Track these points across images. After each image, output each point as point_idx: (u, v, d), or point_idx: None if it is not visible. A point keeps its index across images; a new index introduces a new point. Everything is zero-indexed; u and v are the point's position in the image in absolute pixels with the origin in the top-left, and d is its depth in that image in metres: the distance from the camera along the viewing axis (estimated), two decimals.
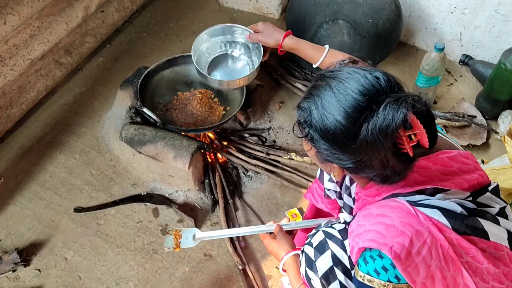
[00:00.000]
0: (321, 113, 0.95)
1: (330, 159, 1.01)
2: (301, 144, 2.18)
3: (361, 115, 0.91)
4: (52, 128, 2.24)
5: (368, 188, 1.10)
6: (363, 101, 0.91)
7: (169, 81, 2.15)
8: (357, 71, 0.95)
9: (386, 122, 0.88)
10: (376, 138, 0.89)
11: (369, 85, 0.92)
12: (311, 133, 0.99)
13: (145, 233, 1.88)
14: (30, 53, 2.10)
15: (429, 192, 1.03)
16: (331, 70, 1.00)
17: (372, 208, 1.03)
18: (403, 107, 0.88)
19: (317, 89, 0.98)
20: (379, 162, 0.93)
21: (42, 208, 1.96)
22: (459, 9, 2.34)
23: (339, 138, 0.95)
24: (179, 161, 1.87)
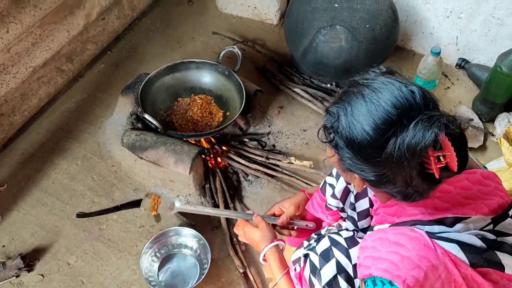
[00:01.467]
0: (350, 121, 0.93)
1: (352, 169, 0.99)
2: (300, 149, 2.23)
3: (390, 129, 0.89)
4: (54, 135, 2.27)
5: (389, 206, 1.10)
6: (394, 114, 0.89)
7: (169, 87, 2.18)
8: (392, 82, 0.93)
9: (416, 139, 0.86)
10: (403, 155, 0.87)
11: (403, 99, 0.90)
12: (336, 140, 0.97)
13: (147, 238, 1.89)
14: (32, 60, 2.13)
15: (449, 222, 1.00)
16: (366, 77, 0.98)
17: (390, 233, 1.01)
18: (435, 126, 0.86)
19: (348, 95, 0.96)
20: (403, 179, 0.91)
21: (45, 214, 1.98)
22: (455, 13, 2.37)
23: (364, 149, 0.93)
24: (180, 166, 1.89)
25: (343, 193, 1.37)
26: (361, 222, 1.36)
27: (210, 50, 2.69)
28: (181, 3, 3.02)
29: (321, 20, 2.18)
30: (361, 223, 1.36)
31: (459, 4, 2.32)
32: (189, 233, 1.85)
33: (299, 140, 2.28)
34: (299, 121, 2.36)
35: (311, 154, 2.22)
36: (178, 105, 2.16)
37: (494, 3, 2.23)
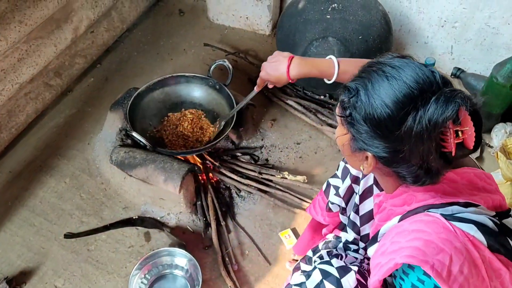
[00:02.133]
0: (370, 95, 0.93)
1: (366, 146, 0.97)
2: (294, 163, 2.18)
3: (411, 103, 0.88)
4: (42, 152, 2.22)
5: (396, 196, 1.07)
6: (416, 88, 0.89)
7: (159, 102, 2.13)
8: (412, 62, 0.93)
9: (438, 111, 0.86)
10: (424, 127, 0.87)
11: (424, 75, 0.90)
12: (353, 115, 0.96)
13: (137, 258, 1.85)
14: (19, 77, 2.09)
15: (462, 204, 1.00)
16: (384, 57, 0.98)
17: (406, 224, 0.99)
18: (458, 98, 0.86)
19: (368, 72, 0.96)
20: (419, 155, 0.91)
21: (32, 235, 1.93)
22: (449, 22, 2.34)
23: (383, 122, 0.92)
24: (170, 184, 1.84)
25: (347, 192, 1.36)
26: (364, 227, 1.34)
27: (201, 62, 2.64)
28: (172, 14, 2.98)
29: (313, 32, 2.14)
30: (363, 227, 1.34)
31: (453, 13, 2.28)
32: (180, 253, 1.80)
33: (293, 154, 2.23)
34: (292, 134, 2.32)
35: (305, 168, 2.17)
36: (168, 120, 2.12)
37: (489, 12, 2.19)
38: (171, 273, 1.82)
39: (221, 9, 2.79)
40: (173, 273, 1.82)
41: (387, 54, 1.00)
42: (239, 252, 1.90)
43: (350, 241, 1.41)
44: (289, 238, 1.92)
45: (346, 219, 1.41)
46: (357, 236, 1.38)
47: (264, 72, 1.53)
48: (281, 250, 1.90)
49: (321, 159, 2.21)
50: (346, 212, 1.40)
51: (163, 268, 1.82)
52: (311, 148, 2.26)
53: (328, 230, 1.57)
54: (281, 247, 1.91)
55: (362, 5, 2.14)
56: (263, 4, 2.65)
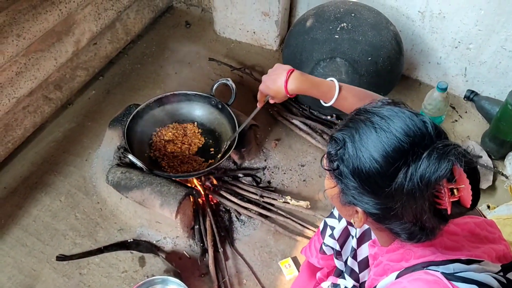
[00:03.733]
0: (357, 148, 0.87)
1: (355, 201, 0.91)
2: (297, 186, 2.10)
3: (401, 157, 0.82)
4: (38, 168, 2.16)
5: (392, 252, 1.00)
6: (406, 142, 0.83)
7: (158, 121, 2.07)
8: (402, 111, 0.87)
9: (430, 169, 0.79)
10: (415, 185, 0.80)
11: (415, 127, 0.84)
12: (340, 168, 0.90)
13: (130, 285, 1.78)
14: (16, 91, 2.03)
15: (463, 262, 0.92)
16: (373, 106, 0.92)
17: (404, 282, 0.92)
18: (452, 155, 0.79)
19: (355, 122, 0.90)
20: (412, 213, 0.84)
21: (23, 256, 1.87)
22: (463, 44, 2.24)
23: (372, 178, 0.86)
24: (166, 209, 1.77)
25: (342, 234, 1.29)
26: (363, 273, 1.26)
27: (206, 76, 2.58)
28: (178, 25, 2.91)
29: (320, 52, 2.06)
30: (362, 274, 1.26)
31: (468, 34, 2.19)
32: (173, 281, 1.72)
33: (296, 177, 2.15)
34: (297, 155, 2.24)
35: (309, 192, 2.09)
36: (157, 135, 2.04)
37: (505, 35, 2.09)
38: None
39: (228, 22, 2.72)
40: None
41: (376, 101, 0.93)
42: (236, 281, 1.82)
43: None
44: (289, 268, 1.84)
45: (342, 264, 1.33)
46: (356, 283, 1.29)
47: (263, 85, 1.46)
48: (281, 281, 1.82)
49: None
50: (341, 256, 1.32)
51: None
52: (315, 171, 2.18)
53: (322, 274, 1.49)
54: (281, 277, 1.83)
55: (373, 25, 2.05)
56: (270, 19, 2.58)
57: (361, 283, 1.28)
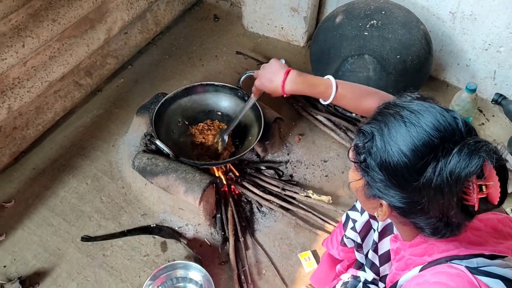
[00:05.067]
0: (386, 141, 0.87)
1: (381, 194, 0.91)
2: (319, 181, 2.11)
3: (431, 152, 0.82)
4: (67, 151, 2.21)
5: (415, 246, 1.00)
6: (436, 137, 0.83)
7: (185, 110, 2.09)
8: (433, 106, 0.87)
9: (461, 165, 0.79)
10: (445, 181, 0.80)
11: (446, 122, 0.84)
12: (367, 161, 0.90)
13: (151, 268, 1.81)
14: (49, 75, 2.09)
15: (488, 256, 0.92)
16: (402, 100, 0.92)
17: (427, 275, 0.92)
18: (483, 151, 0.79)
19: (384, 116, 0.90)
20: (439, 208, 0.84)
21: (49, 235, 1.92)
22: (494, 46, 2.22)
23: (400, 172, 0.86)
24: (190, 196, 1.80)
25: (364, 227, 1.29)
26: (384, 267, 1.26)
27: (232, 69, 2.60)
28: (207, 19, 2.95)
29: (349, 48, 2.06)
30: (383, 268, 1.26)
31: (499, 37, 2.17)
32: (195, 267, 1.75)
33: (319, 172, 2.16)
34: (320, 150, 2.24)
35: (331, 187, 2.10)
36: (193, 129, 2.07)
37: None
38: (184, 287, 1.77)
39: (256, 17, 2.75)
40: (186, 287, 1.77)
41: (405, 95, 0.93)
42: (255, 271, 1.84)
43: (369, 281, 1.32)
44: (308, 261, 1.85)
45: (362, 257, 1.33)
46: (376, 277, 1.30)
47: (259, 81, 1.47)
48: (299, 273, 1.83)
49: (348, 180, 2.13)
50: (362, 249, 1.32)
51: (177, 281, 1.77)
52: (338, 167, 2.18)
53: (342, 267, 1.49)
54: (300, 269, 1.84)
55: (403, 23, 2.05)
56: (299, 15, 2.59)
57: (381, 276, 1.28)
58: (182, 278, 1.77)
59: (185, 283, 1.78)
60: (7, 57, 1.83)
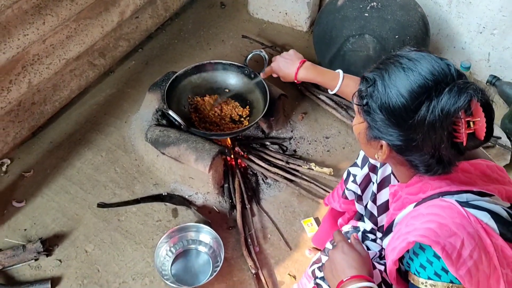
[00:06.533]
0: (386, 85, 0.97)
1: (381, 134, 1.02)
2: (321, 156, 2.23)
3: (425, 93, 0.93)
4: (82, 126, 2.33)
5: (412, 185, 1.10)
6: (431, 79, 0.93)
7: (195, 87, 2.21)
8: (429, 55, 0.98)
9: (451, 101, 0.90)
10: (437, 117, 0.91)
11: (440, 68, 0.94)
12: (369, 104, 1.01)
13: (164, 232, 1.92)
14: (66, 53, 2.20)
15: (475, 193, 1.03)
16: (401, 50, 1.03)
17: (421, 209, 1.03)
18: (471, 89, 0.90)
19: (385, 64, 1.01)
20: (431, 144, 0.95)
21: (67, 202, 2.04)
22: (488, 29, 2.34)
23: (398, 111, 0.96)
24: (200, 163, 1.92)
25: (364, 179, 1.40)
26: (381, 217, 1.37)
27: (238, 53, 2.72)
28: (214, 5, 3.07)
29: (350, 29, 2.18)
30: (381, 218, 1.37)
31: (492, 20, 2.29)
32: (205, 230, 1.87)
33: (321, 147, 2.28)
34: (322, 128, 2.36)
35: (332, 161, 2.21)
36: (202, 103, 2.19)
37: None
38: (195, 249, 1.89)
39: (261, 3, 2.87)
40: (197, 249, 1.89)
41: (404, 47, 1.04)
42: (261, 235, 1.95)
43: (368, 231, 1.44)
44: (311, 226, 1.97)
45: (362, 208, 1.44)
46: (374, 227, 1.41)
47: (276, 64, 1.76)
48: (303, 237, 1.95)
49: (349, 155, 2.25)
50: (362, 200, 1.43)
51: (188, 243, 1.89)
52: (339, 143, 2.30)
53: (343, 221, 1.60)
54: (303, 234, 1.96)
55: (401, 5, 2.17)
56: (303, 0, 2.71)
57: (379, 226, 1.40)
58: (193, 240, 1.89)
59: (196, 244, 1.89)
60: (29, 33, 1.95)
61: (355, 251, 1.12)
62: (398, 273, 1.11)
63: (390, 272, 1.07)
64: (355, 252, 1.11)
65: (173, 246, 1.86)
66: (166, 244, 1.84)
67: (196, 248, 1.89)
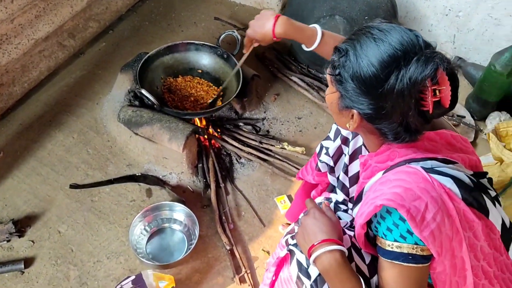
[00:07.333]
0: (358, 55, 1.01)
1: (352, 104, 1.05)
2: (294, 136, 2.26)
3: (394, 63, 0.96)
4: (52, 108, 2.30)
5: (380, 153, 1.14)
6: (400, 50, 0.97)
7: (168, 67, 2.21)
8: (399, 26, 1.01)
9: (418, 70, 0.94)
10: (405, 85, 0.95)
11: (409, 39, 0.98)
12: (341, 73, 1.04)
13: (138, 212, 1.92)
14: (35, 33, 2.16)
15: (441, 160, 1.08)
16: (373, 22, 1.06)
17: (389, 175, 1.08)
18: (437, 58, 0.94)
19: (357, 35, 1.04)
20: (399, 112, 0.99)
21: (38, 183, 2.02)
22: (453, 11, 2.41)
23: (368, 80, 0.99)
24: (174, 143, 1.92)
25: (336, 151, 1.43)
26: (353, 188, 1.41)
27: (210, 35, 2.72)
28: None
29: (320, 10, 2.21)
30: (352, 189, 1.42)
31: (458, 2, 2.36)
32: (180, 208, 1.88)
33: (293, 127, 2.31)
34: (294, 108, 2.39)
35: (304, 141, 2.25)
36: (175, 83, 2.19)
37: (492, 3, 2.26)
38: (169, 227, 1.90)
39: None
40: (172, 227, 1.90)
41: (376, 19, 1.08)
42: (235, 213, 1.98)
43: (340, 202, 1.48)
44: (284, 204, 2.01)
45: (335, 180, 1.48)
46: (346, 197, 1.45)
47: (251, 29, 1.65)
48: (276, 214, 1.99)
49: (320, 134, 2.29)
50: (334, 172, 1.46)
51: (163, 222, 1.90)
52: (311, 123, 2.34)
53: (316, 193, 1.64)
54: (276, 211, 1.99)
55: None
56: None
57: (350, 197, 1.45)
58: (167, 219, 1.91)
59: (170, 223, 1.91)
60: None
61: (325, 216, 1.16)
62: (367, 239, 1.16)
63: (359, 236, 1.12)
64: (326, 218, 1.16)
65: (147, 225, 1.87)
66: (141, 223, 1.85)
67: (171, 227, 1.91)
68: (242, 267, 1.79)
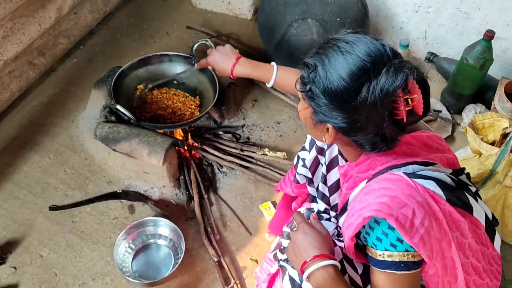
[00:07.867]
0: (327, 70, 1.00)
1: (326, 118, 1.04)
2: (274, 141, 2.26)
3: (364, 74, 0.96)
4: (26, 129, 2.25)
5: (361, 163, 1.14)
6: (368, 61, 0.96)
7: (142, 80, 2.17)
8: (365, 37, 1.01)
9: (389, 81, 0.94)
10: (377, 97, 0.94)
11: (376, 49, 0.98)
12: (312, 89, 1.03)
13: (121, 229, 1.89)
14: (3, 54, 2.11)
15: (421, 163, 1.08)
16: (339, 34, 1.05)
17: (373, 184, 1.07)
18: (406, 68, 0.94)
19: (324, 49, 1.03)
20: (374, 123, 0.98)
21: (17, 207, 1.96)
22: (423, 8, 2.44)
23: (340, 94, 0.99)
24: (154, 157, 1.90)
25: (313, 163, 1.42)
26: (333, 196, 1.41)
27: (184, 44, 2.70)
28: None
29: (293, 14, 2.21)
30: (333, 197, 1.41)
31: None
32: (164, 223, 1.86)
33: (273, 133, 2.31)
34: (273, 114, 2.39)
35: (285, 145, 2.25)
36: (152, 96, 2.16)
37: None
38: (155, 243, 1.88)
39: None
40: (157, 243, 1.87)
41: (341, 30, 1.08)
42: (221, 223, 1.96)
43: (322, 211, 1.48)
44: (269, 210, 2.00)
45: (314, 190, 1.47)
46: (327, 206, 1.45)
47: (212, 58, 1.76)
48: (262, 222, 1.97)
49: (301, 138, 2.29)
50: (313, 183, 1.46)
51: (147, 238, 1.87)
52: (291, 127, 2.34)
53: (297, 204, 1.64)
54: (262, 218, 1.98)
55: None
56: None
57: (332, 206, 1.44)
58: (152, 235, 1.88)
59: (155, 239, 1.88)
60: None
61: (315, 230, 1.15)
62: (357, 248, 1.15)
63: (349, 247, 1.12)
64: (316, 232, 1.15)
65: (132, 242, 1.84)
66: (125, 241, 1.82)
67: (156, 242, 1.88)
68: (231, 278, 1.77)
